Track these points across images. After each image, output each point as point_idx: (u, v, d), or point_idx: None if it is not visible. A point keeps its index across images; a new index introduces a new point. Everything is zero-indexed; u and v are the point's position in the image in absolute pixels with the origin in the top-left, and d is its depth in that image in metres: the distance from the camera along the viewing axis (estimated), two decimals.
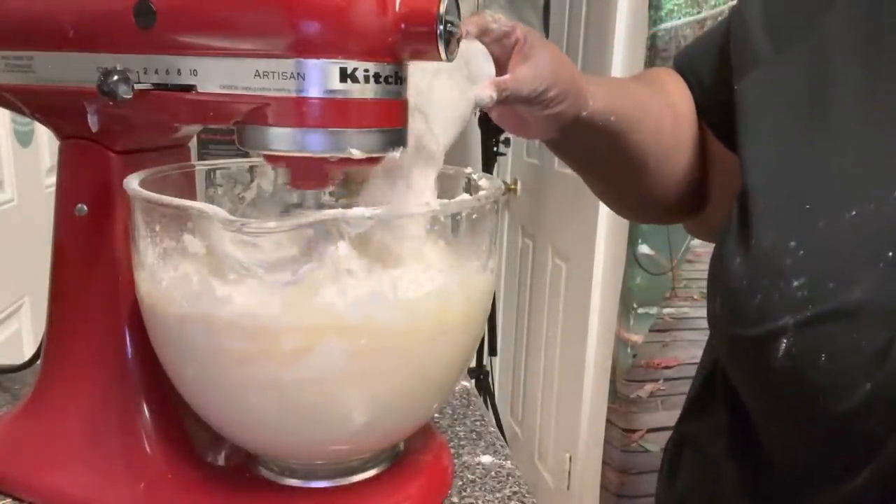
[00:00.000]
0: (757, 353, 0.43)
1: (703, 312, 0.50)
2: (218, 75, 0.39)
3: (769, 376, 0.43)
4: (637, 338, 1.43)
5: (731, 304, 0.44)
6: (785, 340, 0.41)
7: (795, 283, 0.41)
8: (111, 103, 0.41)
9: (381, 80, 0.39)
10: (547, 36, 1.80)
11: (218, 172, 0.55)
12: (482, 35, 0.47)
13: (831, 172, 0.44)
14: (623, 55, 1.56)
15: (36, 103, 0.48)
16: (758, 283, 0.42)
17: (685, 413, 0.62)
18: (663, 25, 1.31)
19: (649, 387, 1.44)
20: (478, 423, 0.63)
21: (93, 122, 0.45)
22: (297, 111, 0.38)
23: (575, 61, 1.83)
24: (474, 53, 0.47)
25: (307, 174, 0.42)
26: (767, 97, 0.49)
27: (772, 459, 0.48)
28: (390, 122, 0.41)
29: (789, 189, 0.44)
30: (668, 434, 0.67)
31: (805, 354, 0.40)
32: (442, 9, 0.38)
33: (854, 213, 0.41)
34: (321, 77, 0.38)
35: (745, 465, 0.51)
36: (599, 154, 0.56)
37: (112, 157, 0.48)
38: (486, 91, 0.46)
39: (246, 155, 0.45)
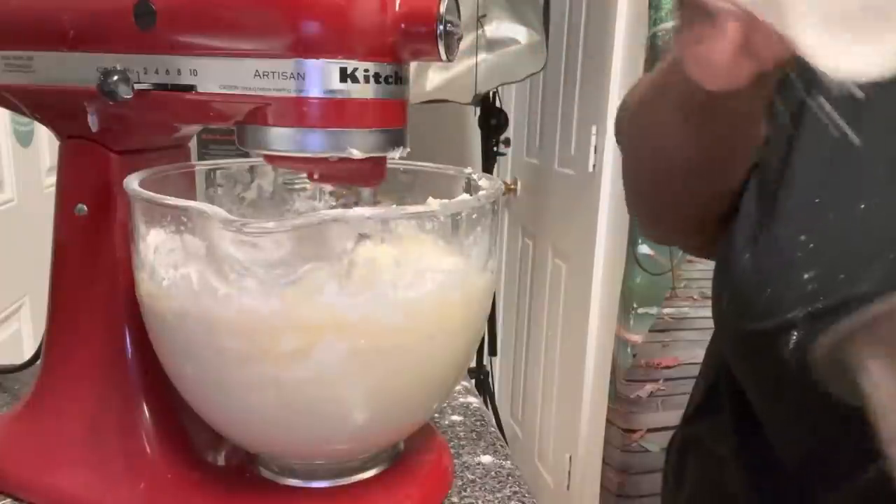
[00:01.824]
0: (766, 347, 0.43)
1: (703, 312, 0.50)
2: (218, 75, 0.39)
3: (778, 370, 0.43)
4: (637, 338, 1.43)
5: (739, 300, 0.45)
6: (795, 333, 0.41)
7: (806, 276, 0.41)
8: (111, 103, 0.41)
9: (381, 80, 0.39)
10: (547, 36, 1.80)
11: (218, 172, 0.55)
12: None
13: (840, 166, 0.44)
14: (623, 55, 1.56)
15: (36, 103, 0.48)
16: (768, 276, 0.43)
17: (691, 414, 0.62)
18: (663, 25, 1.31)
19: (649, 387, 1.44)
20: (478, 423, 0.63)
21: (93, 122, 0.45)
22: (297, 111, 0.39)
23: (575, 61, 1.84)
24: None
25: (369, 173, 0.43)
26: None
27: (780, 458, 0.48)
28: (390, 122, 0.41)
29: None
30: (668, 434, 0.67)
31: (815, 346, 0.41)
32: (442, 9, 0.38)
33: (863, 206, 0.41)
34: (321, 77, 0.38)
35: (753, 465, 0.51)
36: (727, 135, 0.49)
37: (112, 157, 0.48)
38: None
39: (246, 155, 0.45)
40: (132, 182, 0.43)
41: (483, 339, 2.01)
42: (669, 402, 1.44)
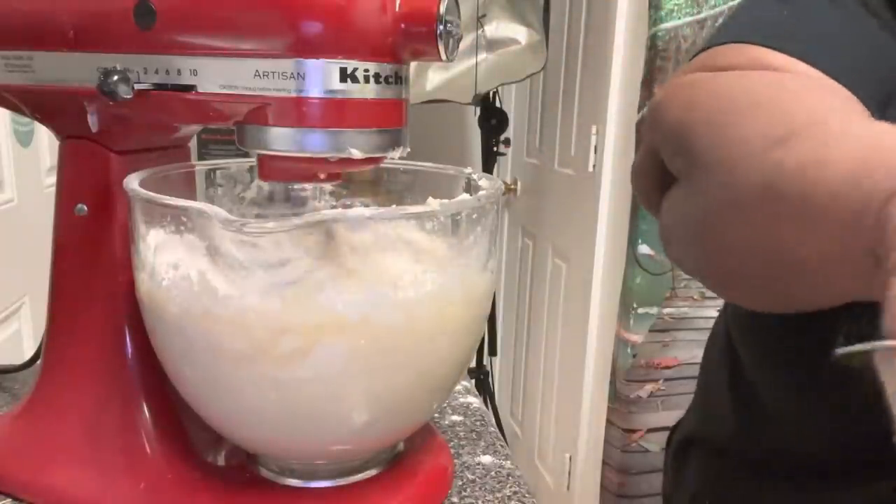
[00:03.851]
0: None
1: (703, 312, 0.50)
2: (218, 75, 0.39)
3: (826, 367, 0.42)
4: (637, 338, 1.43)
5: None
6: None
7: None
8: (111, 103, 0.41)
9: (382, 80, 0.39)
10: (547, 36, 1.80)
11: (218, 172, 0.55)
12: None
13: None
14: (623, 55, 1.56)
15: (36, 103, 0.48)
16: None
17: (696, 409, 0.62)
18: (663, 25, 1.31)
19: (649, 387, 1.44)
20: (478, 423, 0.63)
21: (93, 122, 0.45)
22: (297, 111, 0.39)
23: (575, 61, 1.84)
24: None
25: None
26: None
27: (798, 452, 0.47)
28: (390, 122, 0.41)
29: None
30: (667, 434, 0.67)
31: None
32: (442, 9, 0.38)
33: None
34: (321, 77, 0.38)
35: (762, 460, 0.51)
36: None
37: (112, 157, 0.48)
38: None
39: (246, 155, 0.45)
40: (132, 182, 0.43)
41: (483, 339, 2.01)
42: (669, 402, 1.44)
